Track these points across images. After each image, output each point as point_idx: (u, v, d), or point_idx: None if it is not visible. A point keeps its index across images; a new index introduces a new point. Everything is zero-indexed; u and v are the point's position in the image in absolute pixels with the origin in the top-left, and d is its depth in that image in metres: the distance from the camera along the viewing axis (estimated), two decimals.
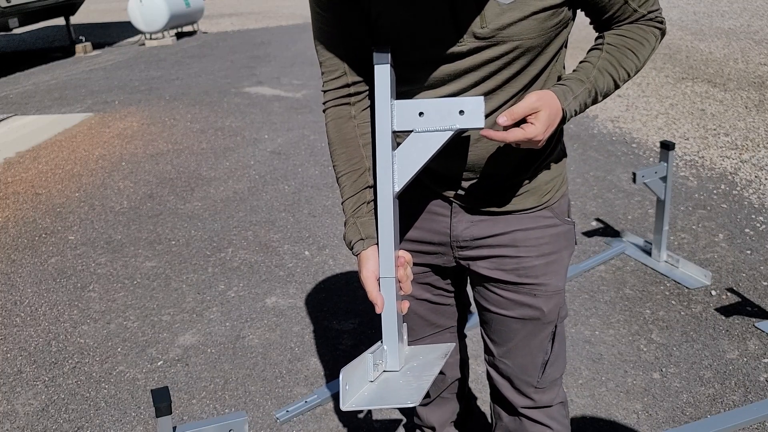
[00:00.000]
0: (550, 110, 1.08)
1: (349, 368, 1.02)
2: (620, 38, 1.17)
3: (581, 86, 1.14)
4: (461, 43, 1.10)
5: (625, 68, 1.17)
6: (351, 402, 1.02)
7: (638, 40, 1.17)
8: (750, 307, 2.61)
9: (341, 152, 1.22)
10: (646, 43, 1.18)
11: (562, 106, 1.11)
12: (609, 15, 1.17)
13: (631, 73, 1.19)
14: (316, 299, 2.88)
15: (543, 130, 1.06)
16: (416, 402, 1.00)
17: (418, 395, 1.02)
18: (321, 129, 5.35)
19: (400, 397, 1.04)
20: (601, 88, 1.16)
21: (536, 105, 1.07)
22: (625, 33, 1.17)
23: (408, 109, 1.11)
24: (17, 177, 4.68)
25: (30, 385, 2.44)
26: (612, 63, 1.16)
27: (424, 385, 1.07)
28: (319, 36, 1.19)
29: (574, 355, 2.40)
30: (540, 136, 1.07)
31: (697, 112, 5.16)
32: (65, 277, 3.22)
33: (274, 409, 2.23)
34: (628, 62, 1.17)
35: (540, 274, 1.30)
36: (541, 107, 1.07)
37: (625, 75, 1.18)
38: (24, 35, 13.27)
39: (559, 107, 1.10)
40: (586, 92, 1.14)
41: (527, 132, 1.05)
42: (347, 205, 1.21)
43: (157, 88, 7.25)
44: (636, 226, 3.35)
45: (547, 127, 1.07)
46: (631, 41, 1.17)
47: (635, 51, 1.17)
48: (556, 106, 1.09)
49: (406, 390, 1.07)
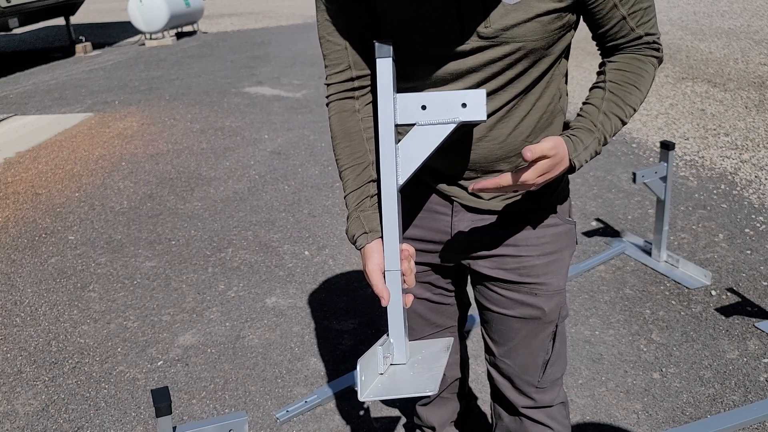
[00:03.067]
0: (554, 160, 1.07)
1: (364, 359, 1.03)
2: (621, 74, 1.16)
3: (590, 136, 1.13)
4: (465, 42, 1.10)
5: (630, 105, 1.16)
6: (368, 392, 1.02)
7: (639, 73, 1.16)
8: (750, 307, 2.61)
9: (345, 146, 1.21)
10: (646, 75, 1.17)
11: (570, 157, 1.10)
12: (606, 29, 1.16)
13: (637, 107, 1.18)
14: (316, 299, 2.88)
15: (535, 177, 1.05)
16: (434, 390, 1.00)
17: (434, 384, 1.03)
18: (321, 129, 5.35)
19: (417, 387, 1.05)
20: (609, 131, 1.15)
21: (550, 153, 1.05)
22: (624, 67, 1.16)
23: (410, 103, 1.11)
24: (17, 177, 4.68)
25: (30, 385, 2.44)
26: (617, 103, 1.15)
27: (436, 375, 1.08)
28: (325, 29, 1.19)
29: (574, 355, 2.40)
30: (531, 181, 1.06)
31: (697, 112, 5.16)
32: (65, 277, 3.21)
33: (274, 409, 2.23)
34: (632, 99, 1.16)
35: (541, 274, 1.30)
36: (552, 155, 1.06)
37: (631, 111, 1.17)
38: (24, 35, 13.27)
39: (566, 157, 1.09)
40: (596, 142, 1.13)
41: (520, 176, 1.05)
42: (350, 198, 1.21)
43: (157, 88, 7.25)
44: (636, 226, 3.35)
45: (541, 174, 1.06)
46: (632, 75, 1.16)
47: (637, 85, 1.16)
48: (563, 155, 1.08)
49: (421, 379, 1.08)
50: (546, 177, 1.07)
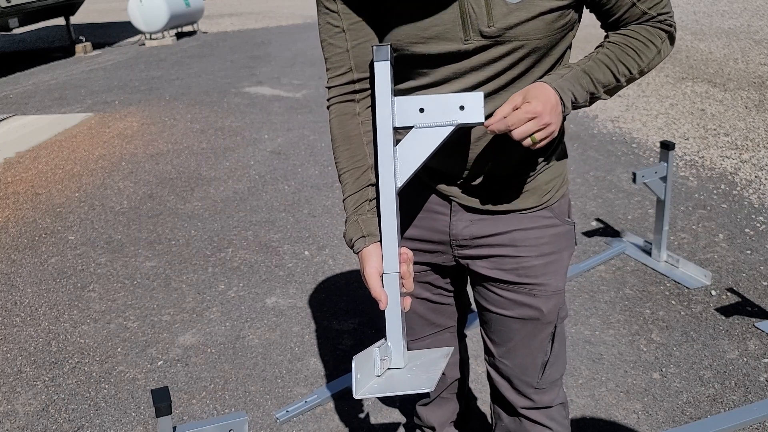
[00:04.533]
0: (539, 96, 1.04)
1: (361, 358, 1.03)
2: (623, 37, 1.16)
3: (568, 70, 1.12)
4: (468, 41, 1.10)
5: (625, 64, 1.15)
6: (364, 390, 1.02)
7: (642, 40, 1.15)
8: (750, 307, 2.61)
9: (344, 149, 1.21)
10: (650, 44, 1.16)
11: (552, 86, 1.07)
12: (617, 17, 1.16)
13: (633, 71, 1.16)
14: (316, 299, 2.88)
15: (541, 107, 1.03)
16: (431, 388, 1.00)
17: (431, 383, 1.03)
18: (321, 129, 5.35)
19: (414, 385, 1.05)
20: (597, 78, 1.13)
21: (517, 99, 1.04)
22: (629, 33, 1.16)
23: (408, 105, 1.11)
24: (17, 177, 4.68)
25: (30, 385, 2.44)
26: (610, 57, 1.14)
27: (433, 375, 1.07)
28: (326, 32, 1.18)
29: (574, 355, 2.40)
30: (545, 114, 1.03)
31: (697, 112, 5.16)
32: (65, 277, 3.22)
33: (274, 409, 2.23)
34: (628, 59, 1.15)
35: (539, 274, 1.30)
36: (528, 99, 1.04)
37: (626, 71, 1.15)
38: (24, 35, 13.27)
39: (550, 90, 1.06)
40: (574, 76, 1.11)
41: (528, 109, 1.02)
42: (349, 202, 1.21)
43: (157, 88, 7.25)
44: (636, 226, 3.35)
45: (546, 105, 1.03)
46: (634, 41, 1.15)
47: (637, 50, 1.15)
48: (545, 92, 1.05)
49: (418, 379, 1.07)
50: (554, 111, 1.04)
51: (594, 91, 1.14)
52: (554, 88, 1.08)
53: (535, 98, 1.04)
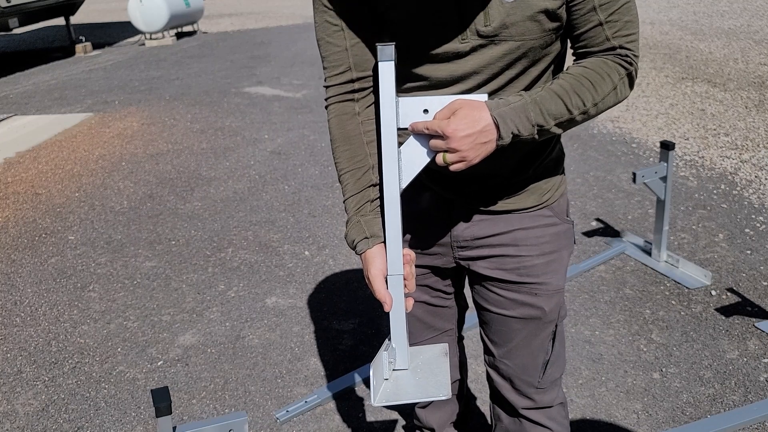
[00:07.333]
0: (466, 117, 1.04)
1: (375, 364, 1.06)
2: (580, 68, 1.12)
3: (518, 99, 1.08)
4: (465, 41, 1.10)
5: (579, 95, 1.09)
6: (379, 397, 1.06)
7: (599, 72, 1.10)
8: (750, 307, 2.61)
9: (344, 149, 1.21)
10: (607, 78, 1.11)
11: (493, 114, 1.05)
12: (581, 32, 1.11)
13: (587, 103, 1.09)
14: (316, 299, 2.88)
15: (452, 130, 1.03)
16: (448, 395, 1.06)
17: (446, 389, 1.07)
18: (321, 129, 5.35)
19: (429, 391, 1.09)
20: (549, 108, 1.07)
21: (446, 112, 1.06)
22: (587, 64, 1.12)
23: (412, 106, 1.11)
24: (17, 177, 4.68)
25: (30, 385, 2.44)
26: (564, 87, 1.09)
27: (443, 380, 1.10)
28: (323, 30, 1.17)
29: (574, 355, 2.40)
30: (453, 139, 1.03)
31: (697, 112, 5.16)
32: (65, 277, 3.22)
33: (274, 409, 2.23)
34: (583, 91, 1.09)
35: (541, 273, 1.30)
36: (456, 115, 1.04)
37: (579, 103, 1.09)
38: (24, 35, 13.27)
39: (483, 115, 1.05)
40: (522, 106, 1.07)
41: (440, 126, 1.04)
42: (350, 203, 1.20)
43: (157, 88, 7.25)
44: (636, 226, 3.35)
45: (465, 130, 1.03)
46: (591, 72, 1.11)
47: (593, 82, 1.10)
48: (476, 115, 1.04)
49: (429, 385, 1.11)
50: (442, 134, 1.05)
51: (543, 123, 1.08)
52: (493, 116, 1.05)
53: (461, 118, 1.03)
